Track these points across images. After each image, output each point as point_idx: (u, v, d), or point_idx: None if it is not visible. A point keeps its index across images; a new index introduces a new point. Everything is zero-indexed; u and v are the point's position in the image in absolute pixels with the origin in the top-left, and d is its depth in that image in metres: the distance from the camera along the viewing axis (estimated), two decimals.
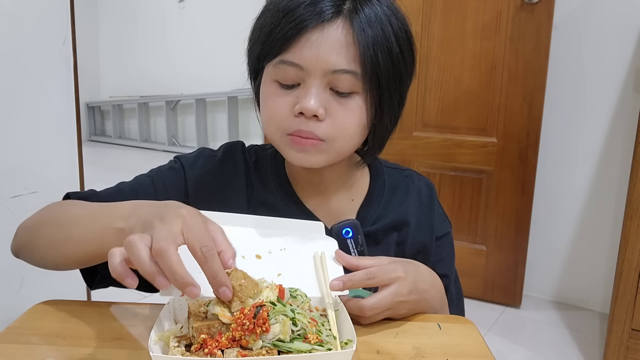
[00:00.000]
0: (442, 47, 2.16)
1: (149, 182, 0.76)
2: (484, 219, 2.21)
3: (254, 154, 0.82)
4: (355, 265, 0.64)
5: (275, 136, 0.70)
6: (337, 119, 0.66)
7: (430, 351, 0.59)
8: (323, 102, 0.65)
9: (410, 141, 2.28)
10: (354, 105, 0.67)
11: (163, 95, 5.81)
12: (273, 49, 0.66)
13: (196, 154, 0.81)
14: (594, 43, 2.07)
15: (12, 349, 0.55)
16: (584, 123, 2.13)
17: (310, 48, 0.64)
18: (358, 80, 0.65)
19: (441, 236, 0.83)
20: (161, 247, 0.48)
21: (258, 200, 0.77)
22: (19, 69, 1.36)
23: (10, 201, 1.36)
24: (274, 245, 0.67)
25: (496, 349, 1.86)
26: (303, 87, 0.66)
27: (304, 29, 0.63)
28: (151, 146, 6.00)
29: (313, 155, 0.68)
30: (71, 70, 1.48)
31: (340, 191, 0.80)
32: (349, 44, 0.64)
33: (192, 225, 0.52)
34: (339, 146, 0.69)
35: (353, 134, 0.69)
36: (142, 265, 0.48)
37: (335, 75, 0.64)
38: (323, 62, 0.64)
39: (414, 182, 0.84)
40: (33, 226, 0.68)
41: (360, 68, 0.65)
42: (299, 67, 0.64)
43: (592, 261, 2.19)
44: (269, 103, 0.69)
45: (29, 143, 1.41)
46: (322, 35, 0.64)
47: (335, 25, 0.64)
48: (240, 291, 0.51)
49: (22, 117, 1.38)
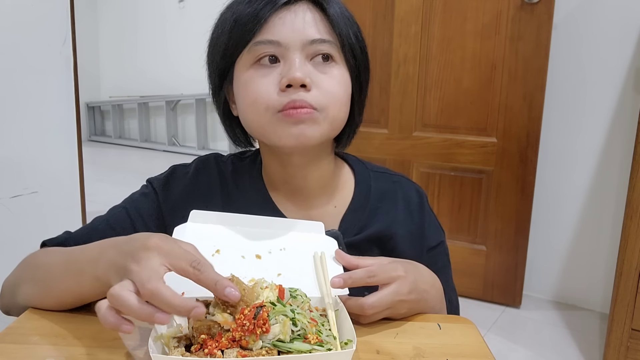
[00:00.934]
0: (442, 47, 2.16)
1: (124, 214, 0.74)
2: (484, 219, 2.21)
3: (231, 164, 0.79)
4: (355, 264, 0.64)
5: (264, 118, 0.66)
6: (324, 87, 0.66)
7: (430, 351, 0.59)
8: (307, 72, 0.66)
9: (410, 141, 2.28)
10: (336, 72, 0.68)
11: (163, 95, 5.81)
12: (245, 35, 0.66)
13: (167, 173, 0.79)
14: (594, 43, 2.07)
15: (12, 349, 0.55)
16: (584, 123, 2.13)
17: (284, 24, 0.65)
18: (336, 51, 0.68)
19: (434, 246, 0.80)
20: (150, 289, 0.47)
21: (235, 211, 0.73)
22: (19, 69, 1.36)
23: (10, 201, 1.36)
24: (274, 245, 0.67)
25: (496, 349, 1.86)
26: (285, 62, 0.66)
27: (274, 8, 0.65)
28: (151, 146, 6.00)
29: (309, 126, 0.66)
30: (71, 70, 1.48)
31: (322, 197, 0.77)
32: (320, 19, 0.67)
33: (169, 251, 0.51)
34: (332, 115, 0.68)
35: (342, 101, 0.69)
36: (135, 312, 0.47)
37: (314, 46, 0.66)
38: (300, 34, 0.65)
39: (403, 189, 0.81)
40: (13, 285, 0.67)
41: (335, 39, 0.67)
42: (277, 44, 0.65)
43: (592, 261, 2.19)
44: (251, 87, 0.67)
45: (29, 143, 1.41)
46: (293, 12, 0.66)
47: (302, 7, 0.67)
48: (245, 295, 0.51)
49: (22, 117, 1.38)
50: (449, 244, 0.85)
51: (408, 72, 2.23)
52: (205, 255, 0.64)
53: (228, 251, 0.65)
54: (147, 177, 0.81)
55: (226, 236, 0.66)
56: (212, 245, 0.65)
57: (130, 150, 6.08)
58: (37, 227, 1.45)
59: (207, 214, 0.67)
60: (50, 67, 1.43)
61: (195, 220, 0.66)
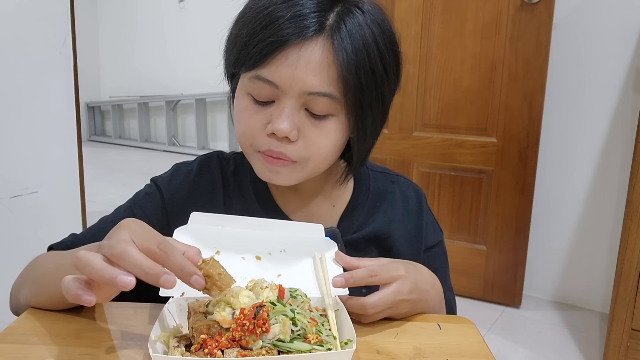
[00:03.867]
0: (442, 47, 2.16)
1: (129, 214, 0.74)
2: (484, 219, 2.21)
3: (233, 162, 0.80)
4: (355, 265, 0.64)
5: (247, 151, 0.68)
6: (310, 141, 0.64)
7: (430, 351, 0.59)
8: (296, 122, 0.63)
9: (410, 141, 2.28)
10: (329, 127, 0.64)
11: (163, 95, 5.82)
12: (248, 62, 0.62)
13: (171, 172, 0.79)
14: (594, 43, 2.07)
15: (12, 349, 0.55)
16: (584, 123, 2.13)
17: (288, 67, 0.60)
18: (335, 103, 0.63)
19: (432, 246, 0.81)
20: (118, 250, 0.47)
21: (236, 209, 0.75)
22: (19, 69, 1.36)
23: (10, 201, 1.36)
24: (274, 247, 0.67)
25: (496, 349, 1.86)
26: (277, 105, 0.63)
27: (282, 46, 0.60)
28: (151, 146, 6.01)
29: (283, 175, 0.67)
30: (71, 70, 1.49)
31: (320, 196, 0.77)
32: (328, 65, 0.61)
33: (140, 230, 0.50)
34: (312, 166, 0.67)
35: (327, 155, 0.67)
36: (98, 272, 0.46)
37: (311, 97, 0.62)
38: (299, 82, 0.61)
39: (401, 189, 0.81)
40: (19, 286, 0.69)
41: (340, 90, 0.62)
42: (274, 86, 0.62)
43: (592, 261, 2.19)
44: (242, 118, 0.67)
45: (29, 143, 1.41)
46: (301, 54, 0.60)
47: (315, 43, 0.60)
48: (219, 280, 0.50)
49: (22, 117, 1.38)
50: (449, 244, 0.85)
51: (408, 72, 2.23)
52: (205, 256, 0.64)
53: (228, 252, 0.65)
54: (147, 177, 0.81)
55: (226, 238, 0.66)
56: (212, 246, 0.65)
57: (130, 150, 6.08)
58: (37, 227, 1.45)
59: (207, 215, 0.67)
60: (50, 67, 1.43)
61: (196, 222, 0.66)
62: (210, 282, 0.50)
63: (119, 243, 0.47)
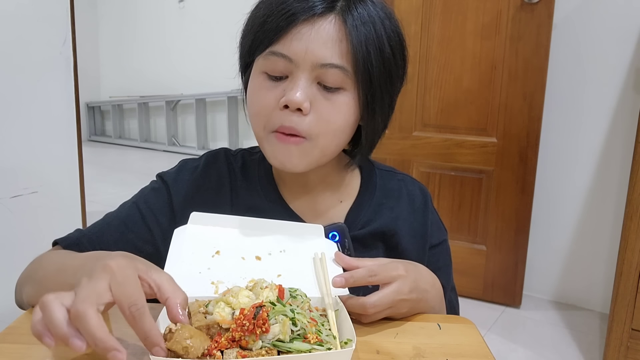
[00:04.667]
0: (442, 47, 2.16)
1: (135, 210, 0.74)
2: (484, 219, 2.21)
3: (241, 158, 0.80)
4: (355, 266, 0.64)
5: (260, 134, 0.69)
6: (322, 114, 0.65)
7: (430, 351, 0.59)
8: (309, 95, 0.64)
9: (410, 141, 2.28)
10: (341, 101, 0.66)
11: (163, 95, 5.81)
12: (264, 40, 0.65)
13: (178, 167, 0.79)
14: (594, 43, 2.07)
15: (12, 349, 0.55)
16: (584, 123, 2.13)
17: (300, 40, 0.63)
18: (347, 77, 0.65)
19: (436, 244, 0.81)
20: (78, 310, 0.45)
21: (243, 205, 0.75)
22: (19, 69, 1.36)
23: (10, 201, 1.36)
24: (274, 247, 0.67)
25: (496, 349, 1.86)
26: (290, 79, 0.65)
27: (295, 21, 0.63)
28: (151, 146, 6.00)
29: (295, 157, 0.67)
30: (71, 70, 1.48)
31: (328, 192, 0.78)
32: (340, 39, 0.64)
33: (121, 281, 0.48)
34: (323, 144, 0.67)
35: (337, 131, 0.68)
36: (54, 327, 0.45)
37: (324, 70, 0.64)
38: (312, 55, 0.63)
39: (407, 187, 0.82)
40: (22, 283, 0.69)
41: (351, 64, 0.64)
42: (288, 59, 0.64)
43: (592, 261, 2.19)
44: (256, 96, 0.68)
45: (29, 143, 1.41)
46: (313, 28, 0.63)
47: (327, 19, 0.64)
48: (185, 354, 0.47)
49: (22, 117, 1.38)
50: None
51: (408, 72, 2.23)
52: (205, 256, 0.64)
53: (228, 253, 0.65)
54: (147, 177, 0.81)
55: (226, 238, 0.67)
56: (212, 246, 0.65)
57: (130, 150, 6.08)
58: (37, 227, 1.45)
59: (207, 216, 0.67)
60: (50, 67, 1.43)
61: (196, 222, 0.66)
62: (174, 356, 0.47)
63: (84, 301, 0.45)
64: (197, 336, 0.48)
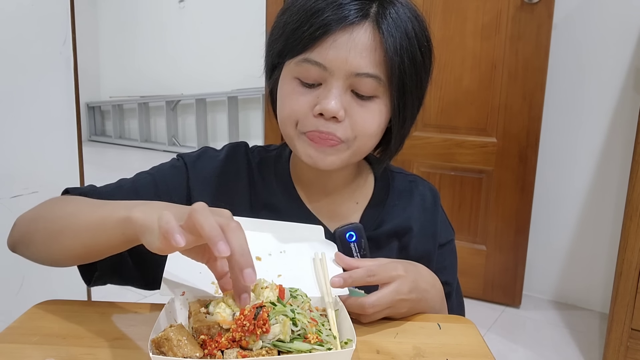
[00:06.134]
0: (442, 47, 2.16)
1: (150, 180, 0.75)
2: (484, 219, 2.21)
3: (258, 155, 0.81)
4: (355, 266, 0.64)
5: (292, 132, 0.69)
6: (356, 121, 0.67)
7: (430, 351, 0.59)
8: (344, 103, 0.65)
9: (410, 141, 2.26)
10: (374, 107, 0.67)
11: (163, 95, 5.81)
12: (297, 47, 0.65)
13: (199, 152, 0.80)
14: (593, 43, 2.07)
15: (12, 349, 0.55)
16: (584, 123, 2.13)
17: (336, 49, 0.63)
18: (380, 85, 0.66)
19: (444, 243, 0.83)
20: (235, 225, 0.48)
21: (260, 201, 0.76)
22: (19, 69, 1.36)
23: (10, 201, 1.36)
24: (274, 248, 0.67)
25: (496, 349, 1.86)
26: (324, 87, 0.66)
27: (331, 30, 0.63)
28: (151, 146, 6.00)
29: (329, 155, 0.68)
30: (71, 70, 1.48)
31: (345, 193, 0.79)
32: (375, 48, 0.64)
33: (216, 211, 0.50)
34: (357, 146, 0.69)
35: (372, 135, 0.69)
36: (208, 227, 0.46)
37: (358, 79, 0.64)
38: (347, 64, 0.64)
39: (418, 188, 0.84)
40: (31, 219, 0.67)
41: (385, 73, 0.65)
42: (323, 67, 0.64)
43: (592, 261, 2.19)
44: (288, 101, 0.68)
45: (29, 143, 1.40)
46: (349, 37, 0.63)
47: (362, 27, 0.64)
48: (177, 346, 0.47)
49: (22, 117, 1.38)
50: None
51: None
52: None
53: None
54: None
55: None
56: None
57: (130, 150, 6.07)
58: None
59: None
60: (50, 67, 1.43)
61: None
62: (168, 346, 0.47)
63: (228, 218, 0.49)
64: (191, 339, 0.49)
